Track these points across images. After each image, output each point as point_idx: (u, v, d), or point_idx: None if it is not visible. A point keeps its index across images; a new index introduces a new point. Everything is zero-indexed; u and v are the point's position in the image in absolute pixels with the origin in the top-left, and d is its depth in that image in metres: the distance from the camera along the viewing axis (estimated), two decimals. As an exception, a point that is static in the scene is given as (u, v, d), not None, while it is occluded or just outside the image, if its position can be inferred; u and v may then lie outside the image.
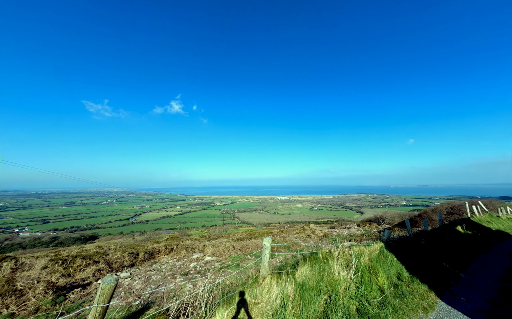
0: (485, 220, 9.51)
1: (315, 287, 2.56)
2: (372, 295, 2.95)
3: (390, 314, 2.70)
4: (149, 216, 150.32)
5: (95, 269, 9.27)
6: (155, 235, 47.00)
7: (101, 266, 9.67)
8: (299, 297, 2.32)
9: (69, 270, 9.01)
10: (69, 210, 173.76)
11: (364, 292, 2.93)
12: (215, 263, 10.35)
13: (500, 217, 11.39)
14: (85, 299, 6.83)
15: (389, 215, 34.91)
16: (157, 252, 14.12)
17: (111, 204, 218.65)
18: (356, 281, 3.08)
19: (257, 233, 25.49)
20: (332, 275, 2.92)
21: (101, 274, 9.08)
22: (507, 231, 8.77)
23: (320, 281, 2.70)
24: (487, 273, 4.56)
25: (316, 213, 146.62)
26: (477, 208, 10.17)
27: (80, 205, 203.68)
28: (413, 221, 19.88)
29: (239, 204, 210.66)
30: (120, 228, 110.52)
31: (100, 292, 2.00)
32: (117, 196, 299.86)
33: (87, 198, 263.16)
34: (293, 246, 14.84)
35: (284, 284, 2.42)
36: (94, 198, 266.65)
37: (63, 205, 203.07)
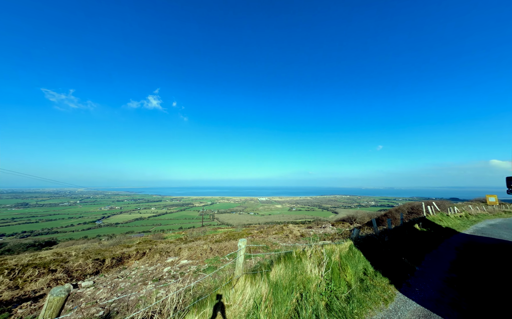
0: (437, 218, 10.87)
1: (288, 285, 2.64)
2: (341, 290, 3.15)
3: (355, 308, 2.92)
4: (119, 218, 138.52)
5: (51, 279, 8.22)
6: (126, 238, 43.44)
7: (58, 275, 8.61)
8: (272, 297, 2.36)
9: (17, 282, 7.85)
10: (21, 212, 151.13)
11: (333, 288, 3.11)
12: (191, 266, 9.98)
13: (449, 216, 13.11)
14: (36, 314, 6.01)
15: (360, 214, 37.67)
16: (126, 257, 13.10)
17: (74, 205, 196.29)
18: (327, 277, 3.26)
19: (236, 234, 25.29)
20: (305, 273, 3.04)
21: (58, 284, 8.08)
22: (454, 228, 10.17)
23: (293, 279, 2.79)
24: (437, 265, 5.25)
25: (295, 214, 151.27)
26: (431, 208, 11.55)
27: (35, 207, 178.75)
28: (379, 220, 21.74)
29: (219, 205, 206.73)
30: (84, 232, 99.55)
31: (47, 305, 1.77)
32: (81, 196, 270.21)
33: (44, 198, 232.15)
34: (271, 246, 15.07)
35: (258, 284, 2.44)
36: (54, 198, 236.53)
37: (12, 206, 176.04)
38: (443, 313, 3.20)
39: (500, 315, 3.29)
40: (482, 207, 22.33)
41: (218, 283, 2.39)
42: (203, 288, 2.56)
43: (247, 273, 2.66)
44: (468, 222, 13.02)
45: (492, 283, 4.46)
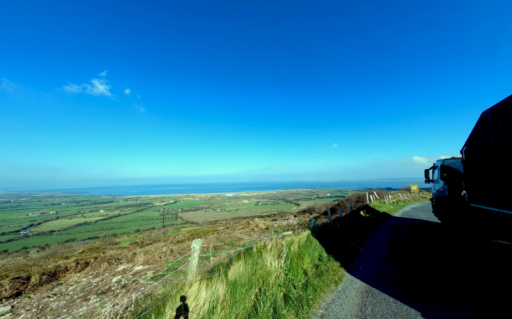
0: (377, 205, 12.93)
1: (247, 282, 2.60)
2: (298, 279, 3.33)
3: (311, 294, 3.15)
4: (55, 225, 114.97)
5: None
6: (65, 248, 36.39)
7: (-49, 306, 6.51)
8: (230, 297, 2.27)
9: None
10: None
11: (292, 278, 3.27)
12: (147, 272, 9.06)
13: (385, 203, 15.71)
14: None
15: (318, 205, 41.61)
16: (63, 270, 10.98)
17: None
18: (286, 268, 3.40)
19: (201, 232, 24.31)
20: (265, 267, 3.07)
21: (-49, 318, 6.10)
22: (388, 212, 12.35)
23: (252, 275, 2.77)
24: (376, 245, 6.26)
25: (261, 208, 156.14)
26: (373, 197, 13.62)
27: None
28: (333, 209, 24.45)
29: (183, 203, 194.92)
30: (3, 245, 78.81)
31: None
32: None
33: None
34: (237, 241, 15.05)
35: (214, 286, 2.30)
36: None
37: None
38: (380, 286, 3.84)
39: (420, 280, 4.17)
40: (407, 194, 27.65)
41: (168, 291, 2.14)
42: (153, 298, 2.26)
43: (203, 276, 2.48)
44: (398, 207, 16.00)
45: (415, 254, 5.63)
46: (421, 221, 10.95)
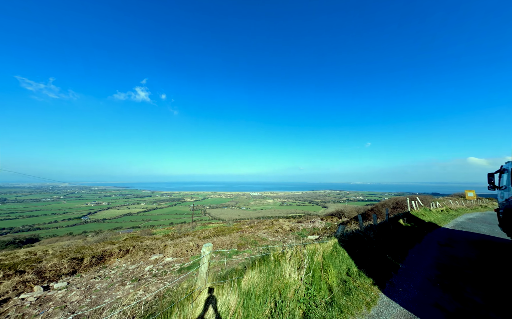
0: (421, 213, 11.15)
1: (262, 294, 2.37)
2: (321, 295, 2.93)
3: (336, 315, 2.68)
4: (106, 214, 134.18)
5: (18, 281, 7.57)
6: (113, 235, 42.08)
7: (27, 277, 7.95)
8: (243, 309, 2.09)
9: (-22, 286, 7.14)
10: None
11: (313, 293, 2.88)
12: (175, 264, 9.62)
13: (431, 211, 13.51)
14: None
15: (348, 209, 38.60)
16: (108, 255, 12.49)
17: (57, 201, 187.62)
18: (307, 281, 3.03)
19: (226, 230, 25.04)
20: (283, 278, 2.78)
21: (26, 286, 7.45)
22: (436, 222, 10.47)
23: (268, 286, 2.52)
24: (420, 262, 5.23)
25: (286, 208, 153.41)
26: (415, 203, 11.83)
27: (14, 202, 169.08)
28: (366, 214, 22.25)
29: (210, 200, 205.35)
30: (69, 229, 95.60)
31: None
32: (65, 191, 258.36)
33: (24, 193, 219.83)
34: (260, 241, 14.95)
35: (225, 295, 2.14)
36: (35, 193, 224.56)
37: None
38: (427, 316, 3.05)
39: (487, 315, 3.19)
40: (461, 201, 23.41)
41: (175, 296, 2.07)
42: (172, 294, 2.24)
43: (213, 282, 2.36)
44: (449, 216, 13.54)
45: (476, 279, 4.41)
46: (481, 235, 8.92)
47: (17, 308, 5.94)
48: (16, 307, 6.01)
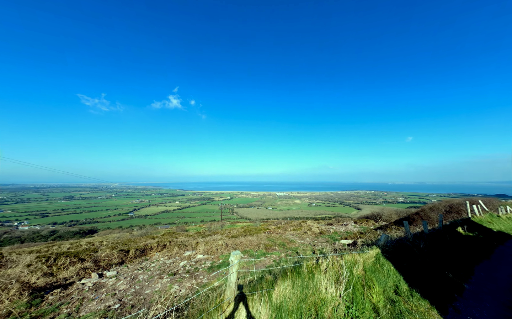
0: (486, 220, 9.14)
1: (295, 309, 2.13)
2: (365, 317, 2.51)
3: (386, 345, 2.25)
4: (148, 211, 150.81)
5: (80, 268, 8.89)
6: (153, 229, 46.93)
7: (87, 264, 9.28)
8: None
9: (53, 269, 8.62)
10: (68, 204, 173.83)
11: (355, 314, 2.48)
12: (206, 261, 10.00)
13: (500, 217, 11.02)
14: (64, 301, 6.45)
15: (386, 212, 34.65)
16: (149, 248, 13.77)
17: (110, 198, 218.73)
18: (347, 298, 2.64)
19: (253, 230, 25.23)
20: (318, 292, 2.47)
21: (85, 272, 8.70)
22: (508, 231, 8.40)
23: (302, 301, 2.26)
24: (492, 282, 4.15)
25: (314, 209, 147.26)
26: (478, 208, 9.80)
27: (79, 199, 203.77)
28: (410, 219, 19.58)
29: (238, 200, 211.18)
30: (119, 223, 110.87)
31: None
32: (116, 190, 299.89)
33: (86, 192, 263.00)
34: (288, 243, 14.54)
35: (256, 308, 1.99)
36: (93, 192, 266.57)
37: (62, 199, 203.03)
38: None
39: None
40: (544, 206, 18.71)
41: (204, 305, 2.02)
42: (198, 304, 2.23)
43: (242, 293, 2.23)
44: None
45: None
46: None
47: (79, 291, 6.94)
48: (78, 290, 7.03)
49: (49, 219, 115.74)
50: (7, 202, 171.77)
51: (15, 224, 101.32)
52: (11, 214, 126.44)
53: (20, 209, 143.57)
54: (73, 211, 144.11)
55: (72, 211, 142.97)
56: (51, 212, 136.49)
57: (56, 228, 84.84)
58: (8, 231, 78.62)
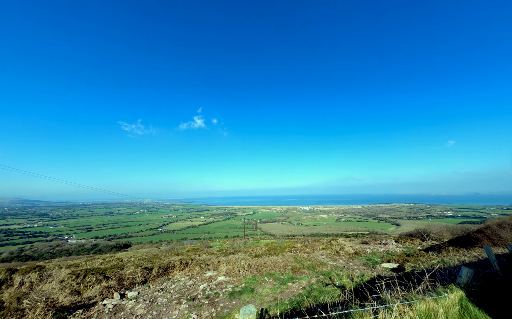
0: None
1: None
2: None
3: None
4: (175, 226, 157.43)
5: (104, 286, 8.87)
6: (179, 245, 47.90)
7: (111, 283, 9.26)
8: None
9: (80, 287, 8.76)
10: (108, 219, 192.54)
11: None
12: (227, 285, 9.18)
13: None
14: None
15: (434, 228, 29.42)
16: (172, 267, 13.54)
17: (143, 214, 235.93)
18: None
19: (278, 248, 23.56)
20: None
21: (109, 292, 8.62)
22: None
23: None
24: None
25: (344, 225, 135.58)
26: None
27: (117, 215, 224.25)
28: (472, 238, 15.96)
29: (261, 215, 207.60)
30: (150, 237, 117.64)
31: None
32: (148, 206, 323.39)
33: (123, 208, 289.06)
34: (318, 266, 12.85)
35: None
36: (129, 208, 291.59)
37: (103, 214, 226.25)
38: None
39: None
40: None
41: None
42: None
43: None
44: None
45: None
46: None
47: (99, 313, 6.71)
48: (98, 312, 6.82)
49: (92, 233, 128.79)
50: (61, 217, 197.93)
51: (65, 237, 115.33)
52: (63, 228, 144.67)
53: (70, 223, 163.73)
54: (112, 225, 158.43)
55: (111, 226, 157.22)
56: (94, 226, 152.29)
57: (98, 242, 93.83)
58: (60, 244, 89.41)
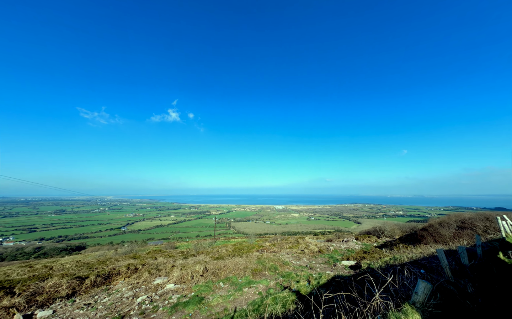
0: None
1: None
2: None
3: None
4: (142, 225, 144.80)
5: (3, 306, 6.76)
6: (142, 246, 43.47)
7: (16, 300, 7.15)
8: None
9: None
10: (59, 218, 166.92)
11: None
12: (174, 294, 7.94)
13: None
14: None
15: (388, 226, 32.44)
16: (116, 274, 11.60)
17: (103, 212, 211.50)
18: None
19: (245, 248, 22.80)
20: None
21: (8, 313, 6.58)
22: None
23: None
24: None
25: (314, 223, 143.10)
26: (508, 224, 8.10)
27: (70, 213, 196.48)
28: (418, 236, 17.60)
29: (235, 213, 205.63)
30: (110, 238, 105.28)
31: None
32: (110, 203, 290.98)
33: (79, 205, 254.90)
34: (281, 266, 12.40)
35: None
36: (86, 205, 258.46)
37: (52, 212, 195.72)
38: None
39: None
40: None
41: None
42: None
43: None
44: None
45: None
46: None
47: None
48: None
49: (37, 234, 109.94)
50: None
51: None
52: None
53: (7, 223, 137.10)
54: (63, 225, 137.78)
55: (62, 226, 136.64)
56: (39, 226, 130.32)
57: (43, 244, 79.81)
58: (-13, 247, 73.70)
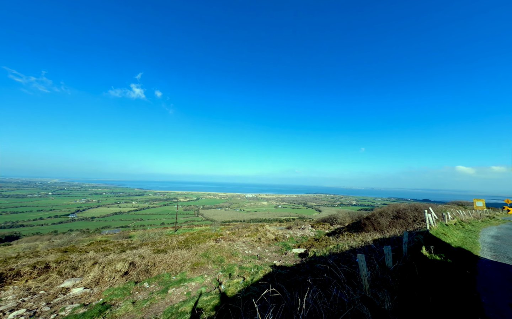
0: (440, 231, 8.08)
1: None
2: None
3: None
4: (96, 212, 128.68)
5: None
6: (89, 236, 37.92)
7: None
8: None
9: None
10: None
11: None
12: (74, 302, 6.28)
13: (448, 226, 10.42)
14: None
15: (341, 214, 35.50)
16: (14, 275, 9.08)
17: (45, 197, 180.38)
18: None
19: (201, 237, 21.58)
20: None
21: None
22: (465, 247, 7.31)
23: None
24: None
25: (280, 211, 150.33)
26: (431, 216, 8.76)
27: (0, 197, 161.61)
28: (362, 224, 19.14)
29: (205, 201, 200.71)
30: (54, 226, 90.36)
31: None
32: (54, 187, 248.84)
33: (11, 189, 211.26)
34: (228, 258, 11.59)
35: None
36: (22, 189, 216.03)
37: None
38: None
39: None
40: (467, 211, 20.74)
41: None
42: None
43: None
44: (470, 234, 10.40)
45: None
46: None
47: None
48: None
49: None
50: None
51: None
52: None
53: None
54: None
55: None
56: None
57: (-49, 235, 63.27)
58: None
